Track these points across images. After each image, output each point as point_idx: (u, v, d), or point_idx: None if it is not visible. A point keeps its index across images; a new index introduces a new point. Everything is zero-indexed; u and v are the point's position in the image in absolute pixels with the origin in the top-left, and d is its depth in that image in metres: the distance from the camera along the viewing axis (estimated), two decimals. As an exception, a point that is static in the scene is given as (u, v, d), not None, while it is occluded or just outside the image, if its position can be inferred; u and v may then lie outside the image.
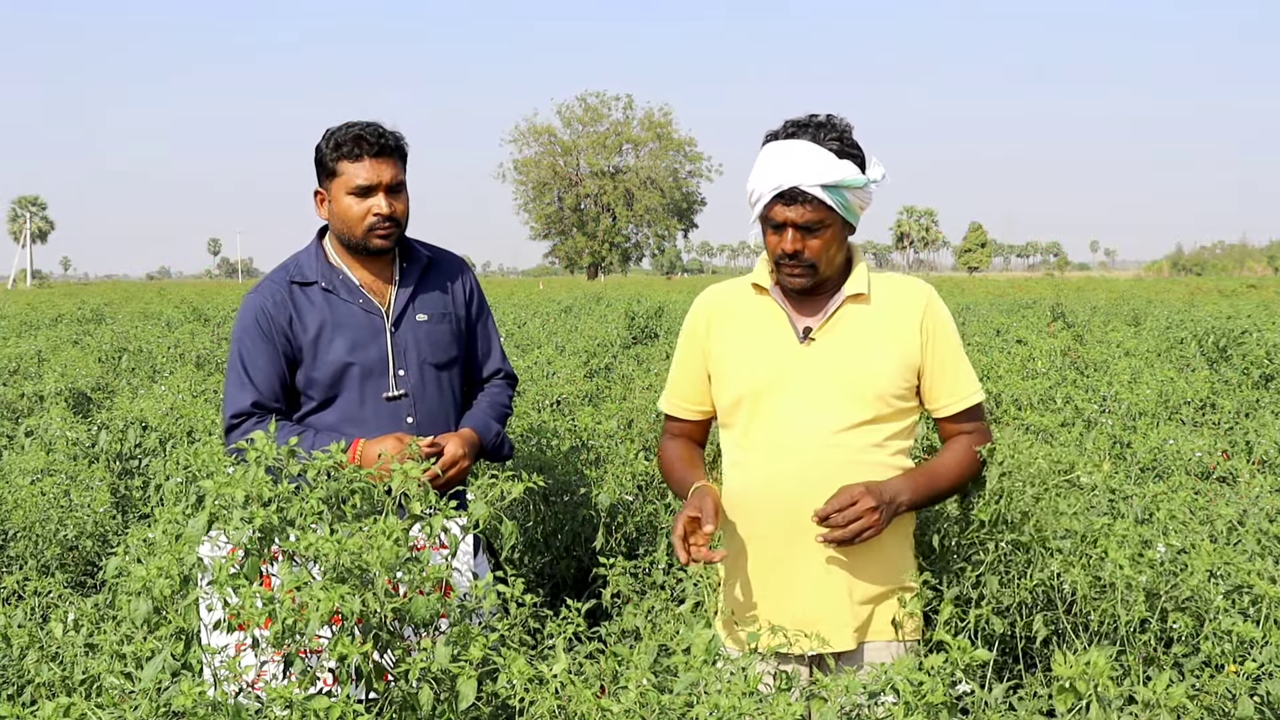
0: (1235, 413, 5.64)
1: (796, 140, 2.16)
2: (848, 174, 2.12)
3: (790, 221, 2.14)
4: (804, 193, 2.11)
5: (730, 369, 2.30)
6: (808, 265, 2.18)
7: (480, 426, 2.70)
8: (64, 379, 6.91)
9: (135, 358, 8.96)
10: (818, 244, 2.17)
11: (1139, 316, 13.80)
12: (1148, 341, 9.22)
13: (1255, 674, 1.74)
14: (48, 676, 2.10)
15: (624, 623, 2.21)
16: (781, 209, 2.14)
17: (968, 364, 2.30)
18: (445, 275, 2.81)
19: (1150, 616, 1.94)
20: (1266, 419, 5.22)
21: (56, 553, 3.44)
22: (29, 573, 3.14)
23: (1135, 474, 4.04)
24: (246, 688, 1.76)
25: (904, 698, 1.61)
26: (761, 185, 2.17)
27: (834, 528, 2.07)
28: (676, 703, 1.65)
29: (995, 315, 13.18)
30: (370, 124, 2.63)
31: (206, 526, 1.88)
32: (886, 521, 2.11)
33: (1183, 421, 5.34)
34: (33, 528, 3.44)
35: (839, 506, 2.07)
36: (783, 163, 2.14)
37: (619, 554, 3.19)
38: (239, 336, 2.64)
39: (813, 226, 2.15)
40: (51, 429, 4.85)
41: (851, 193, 2.15)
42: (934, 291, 2.32)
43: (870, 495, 2.07)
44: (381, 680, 1.82)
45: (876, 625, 2.22)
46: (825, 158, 2.12)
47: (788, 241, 2.16)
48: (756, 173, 2.20)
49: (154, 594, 1.84)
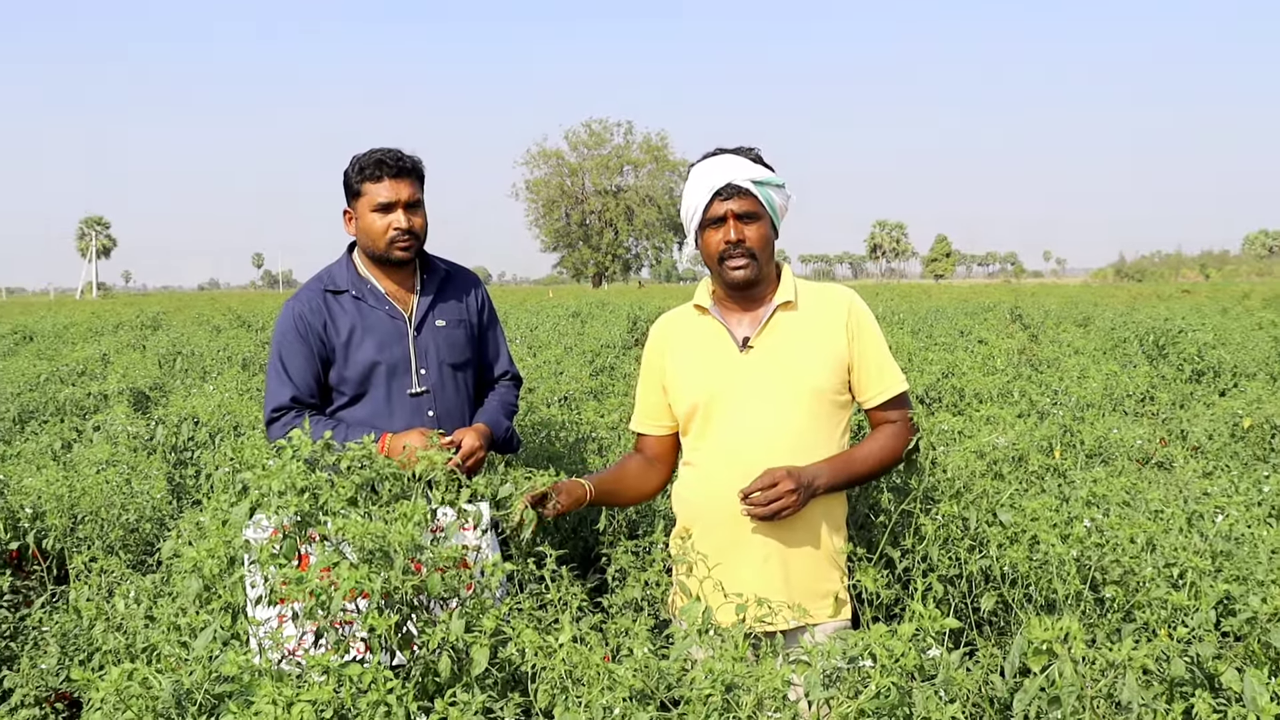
0: (1171, 404, 5.65)
1: (720, 156, 2.31)
2: (767, 173, 2.28)
3: (730, 212, 2.25)
4: (738, 186, 2.24)
5: (683, 382, 2.35)
6: (748, 253, 2.25)
7: (492, 422, 2.72)
8: (125, 380, 6.92)
9: (188, 360, 8.96)
10: (753, 232, 2.26)
11: (1087, 319, 13.78)
12: (1094, 341, 9.23)
13: (1186, 638, 1.75)
14: (113, 645, 2.11)
15: (625, 595, 2.22)
16: (720, 204, 2.25)
17: (891, 359, 2.33)
18: (461, 287, 2.84)
19: (1084, 589, 1.95)
20: (1198, 410, 5.23)
21: (120, 535, 3.45)
22: (96, 552, 3.16)
23: (1083, 459, 4.05)
24: (287, 655, 1.77)
25: (880, 662, 1.62)
26: (700, 191, 2.27)
27: (755, 505, 2.12)
28: (674, 667, 1.66)
29: (959, 318, 13.17)
30: (391, 149, 2.66)
31: (249, 513, 1.90)
32: (804, 501, 2.15)
33: (1125, 412, 5.34)
34: (99, 512, 3.45)
35: (760, 487, 2.13)
36: (715, 171, 2.27)
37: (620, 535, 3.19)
38: (279, 339, 2.66)
39: (748, 215, 2.25)
40: (115, 424, 4.86)
41: (774, 190, 2.28)
42: (856, 295, 2.38)
43: (790, 478, 2.12)
44: (408, 649, 1.83)
45: (812, 606, 2.24)
46: (747, 163, 2.27)
47: (730, 231, 2.25)
48: (691, 188, 2.31)
49: (203, 573, 1.85)
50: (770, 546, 2.22)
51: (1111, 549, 1.97)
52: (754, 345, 2.29)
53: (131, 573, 2.66)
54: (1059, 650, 1.62)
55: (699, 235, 2.32)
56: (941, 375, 5.72)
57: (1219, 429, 4.62)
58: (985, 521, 2.20)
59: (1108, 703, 1.59)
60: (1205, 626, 1.79)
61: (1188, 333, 8.58)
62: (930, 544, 2.22)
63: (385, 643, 1.79)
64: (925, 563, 2.23)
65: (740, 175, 2.24)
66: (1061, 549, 1.94)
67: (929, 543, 2.22)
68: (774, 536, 2.21)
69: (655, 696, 1.59)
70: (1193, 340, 8.06)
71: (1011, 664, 1.77)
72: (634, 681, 1.56)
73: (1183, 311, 12.64)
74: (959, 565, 2.21)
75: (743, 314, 2.34)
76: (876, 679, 1.55)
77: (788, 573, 2.22)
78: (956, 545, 2.24)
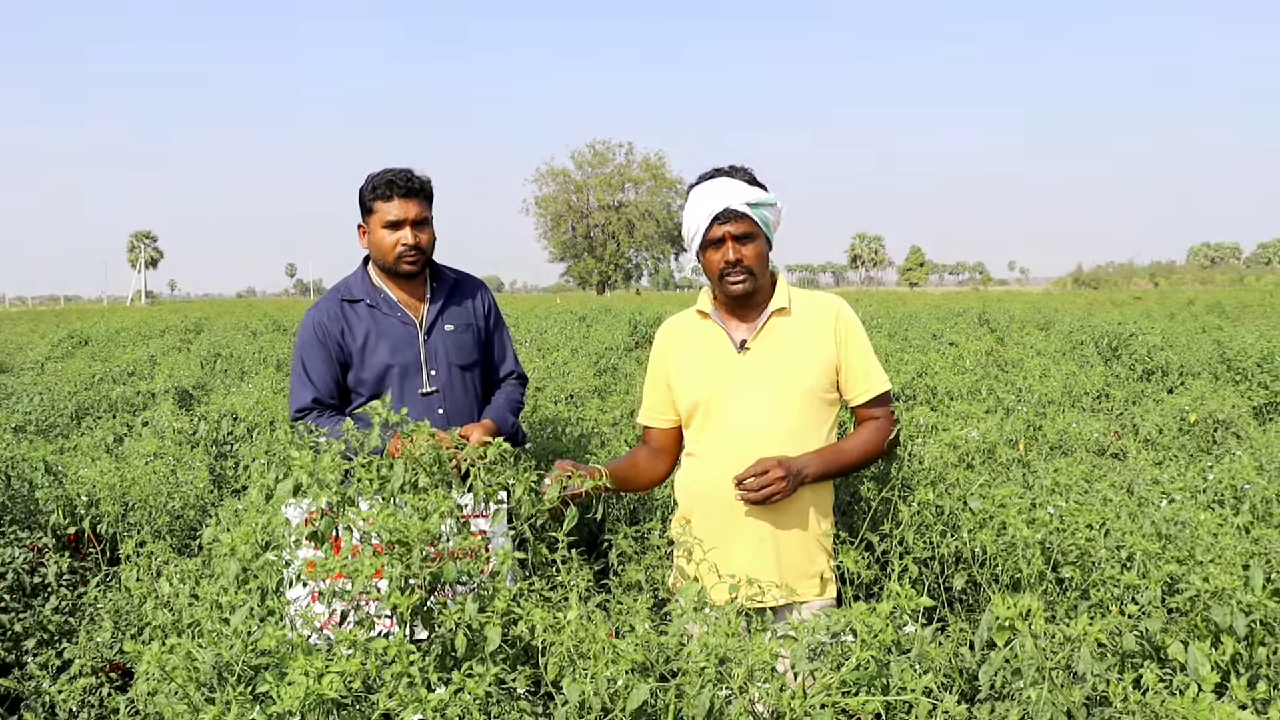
0: (1125, 401, 5.65)
1: (716, 179, 2.30)
2: (761, 195, 2.27)
3: (728, 234, 2.25)
4: (735, 210, 2.24)
5: (686, 381, 2.36)
6: (746, 270, 2.26)
7: (498, 418, 2.72)
8: (171, 379, 6.93)
9: (227, 361, 8.96)
10: (750, 251, 2.27)
11: (1048, 323, 13.77)
12: (1055, 343, 9.22)
13: (1136, 614, 1.76)
14: (161, 621, 2.12)
15: (627, 578, 2.22)
16: (719, 227, 2.25)
17: (875, 361, 2.34)
18: (468, 294, 2.84)
19: (1046, 569, 1.95)
20: (1149, 406, 5.23)
21: (166, 521, 3.46)
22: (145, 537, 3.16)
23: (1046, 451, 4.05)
24: (318, 631, 1.77)
25: (860, 637, 1.62)
26: (700, 215, 2.27)
27: (748, 490, 2.12)
28: (672, 642, 1.66)
29: (932, 322, 13.15)
30: (402, 170, 2.65)
31: (293, 491, 1.90)
32: (794, 488, 2.16)
33: (1083, 408, 5.34)
34: (147, 500, 3.46)
35: (754, 474, 2.13)
36: (714, 195, 2.26)
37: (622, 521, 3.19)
38: (300, 345, 2.67)
39: (745, 237, 2.26)
40: (162, 420, 4.86)
41: (767, 209, 2.28)
42: (844, 303, 2.38)
43: (780, 466, 2.13)
44: (429, 626, 1.83)
45: (800, 586, 2.24)
46: (742, 186, 2.27)
47: (729, 252, 2.25)
48: (691, 211, 2.30)
49: (241, 557, 1.85)
50: (764, 530, 2.23)
51: (1070, 533, 1.98)
52: (750, 347, 2.31)
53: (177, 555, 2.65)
54: (1020, 627, 1.62)
55: (700, 254, 2.32)
56: (916, 375, 5.72)
57: (1167, 423, 4.62)
58: (957, 508, 2.20)
59: (1065, 673, 1.59)
60: (1153, 603, 1.79)
61: (1139, 336, 8.58)
62: (907, 529, 2.22)
63: (408, 620, 1.79)
64: (902, 546, 2.23)
65: (737, 199, 2.24)
66: (1026, 533, 1.94)
67: (906, 527, 2.22)
68: (767, 521, 2.22)
69: (655, 669, 1.59)
70: (1143, 343, 8.06)
71: (979, 639, 1.77)
72: (636, 655, 1.56)
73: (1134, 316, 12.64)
74: (933, 548, 2.21)
75: (740, 319, 2.36)
76: (857, 653, 1.55)
77: (779, 554, 2.23)
78: (931, 530, 2.24)
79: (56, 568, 2.99)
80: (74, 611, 2.97)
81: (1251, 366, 6.65)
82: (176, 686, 1.54)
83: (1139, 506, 2.15)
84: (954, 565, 2.22)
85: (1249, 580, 1.74)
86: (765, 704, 1.53)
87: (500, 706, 1.58)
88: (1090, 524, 1.96)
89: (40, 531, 3.34)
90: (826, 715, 1.46)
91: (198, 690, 1.54)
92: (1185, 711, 1.40)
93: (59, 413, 6.12)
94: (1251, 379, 6.39)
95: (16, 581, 3.03)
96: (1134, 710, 1.49)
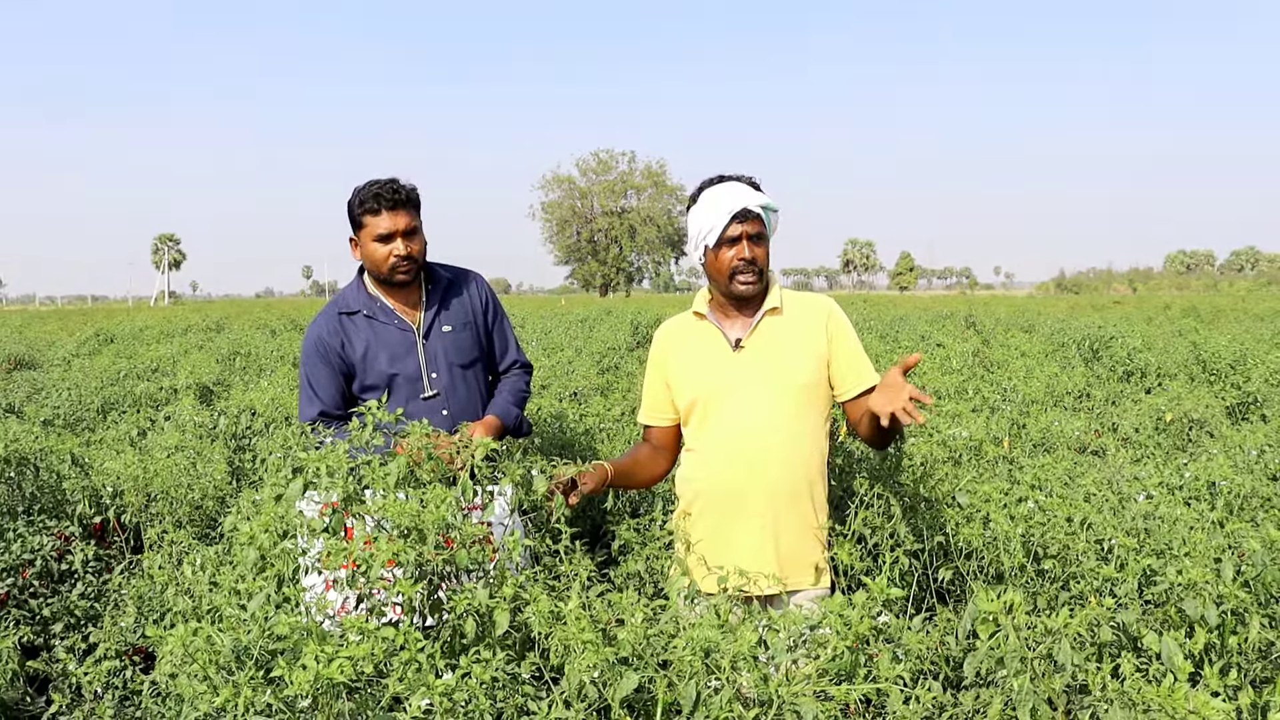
0: (1104, 400, 5.65)
1: (727, 183, 2.31)
2: (770, 200, 2.30)
3: (745, 233, 2.26)
4: (751, 210, 2.25)
5: (684, 379, 2.36)
6: (758, 270, 2.27)
7: (502, 412, 2.69)
8: (192, 376, 6.93)
9: (246, 359, 8.97)
10: (762, 251, 2.29)
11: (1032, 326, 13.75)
12: (1038, 345, 9.21)
13: (1114, 606, 1.75)
14: (182, 606, 2.12)
15: (628, 567, 2.22)
16: (737, 225, 2.25)
17: (865, 356, 2.34)
18: (462, 290, 2.80)
19: (1027, 562, 1.95)
20: (1128, 406, 5.22)
21: (187, 511, 3.46)
22: (167, 526, 3.16)
23: (1030, 448, 4.05)
24: (331, 618, 1.77)
25: (835, 628, 1.62)
26: (716, 215, 2.26)
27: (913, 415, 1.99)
28: (666, 631, 1.66)
29: (921, 325, 13.14)
30: (388, 181, 2.60)
31: (302, 490, 1.90)
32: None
33: (1065, 408, 5.34)
34: (169, 491, 3.46)
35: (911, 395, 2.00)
36: (729, 196, 2.26)
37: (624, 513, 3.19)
38: (304, 361, 2.66)
39: (758, 237, 2.28)
40: (183, 415, 4.86)
41: (773, 214, 2.31)
42: (834, 303, 2.39)
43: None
44: (438, 614, 1.83)
45: (797, 575, 2.24)
46: (752, 191, 2.29)
47: (745, 250, 2.26)
48: (706, 210, 2.29)
49: (259, 545, 1.85)
50: (764, 521, 2.22)
51: (1052, 527, 1.97)
52: (744, 346, 2.31)
53: (197, 544, 2.66)
54: (1003, 620, 1.62)
55: (713, 252, 2.30)
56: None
57: (1145, 422, 4.62)
58: (945, 503, 2.20)
59: (1046, 663, 1.59)
60: (1130, 595, 1.79)
61: (1118, 339, 8.58)
62: (897, 522, 2.22)
63: (418, 607, 1.79)
64: (893, 538, 2.23)
65: (753, 201, 2.25)
66: (1009, 527, 1.94)
67: (896, 521, 2.22)
68: (767, 513, 2.21)
69: (647, 660, 1.59)
70: (1123, 345, 8.06)
71: (964, 629, 1.77)
72: (625, 649, 1.56)
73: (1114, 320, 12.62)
74: (922, 541, 2.21)
75: (735, 319, 2.35)
76: (834, 643, 1.55)
77: (778, 544, 2.22)
78: (920, 523, 2.24)
79: (83, 555, 3.00)
80: (99, 597, 2.98)
81: (1225, 368, 6.64)
82: (198, 669, 1.53)
83: (1120, 502, 2.14)
84: (942, 557, 2.22)
85: (1221, 572, 1.73)
86: (753, 692, 1.53)
87: (505, 691, 1.58)
88: (1069, 517, 1.96)
89: (67, 520, 3.34)
90: (808, 702, 1.46)
91: (218, 673, 1.54)
92: (1161, 699, 1.40)
93: (86, 407, 6.13)
94: (1225, 380, 6.39)
95: (45, 568, 3.03)
96: (1112, 698, 1.49)
